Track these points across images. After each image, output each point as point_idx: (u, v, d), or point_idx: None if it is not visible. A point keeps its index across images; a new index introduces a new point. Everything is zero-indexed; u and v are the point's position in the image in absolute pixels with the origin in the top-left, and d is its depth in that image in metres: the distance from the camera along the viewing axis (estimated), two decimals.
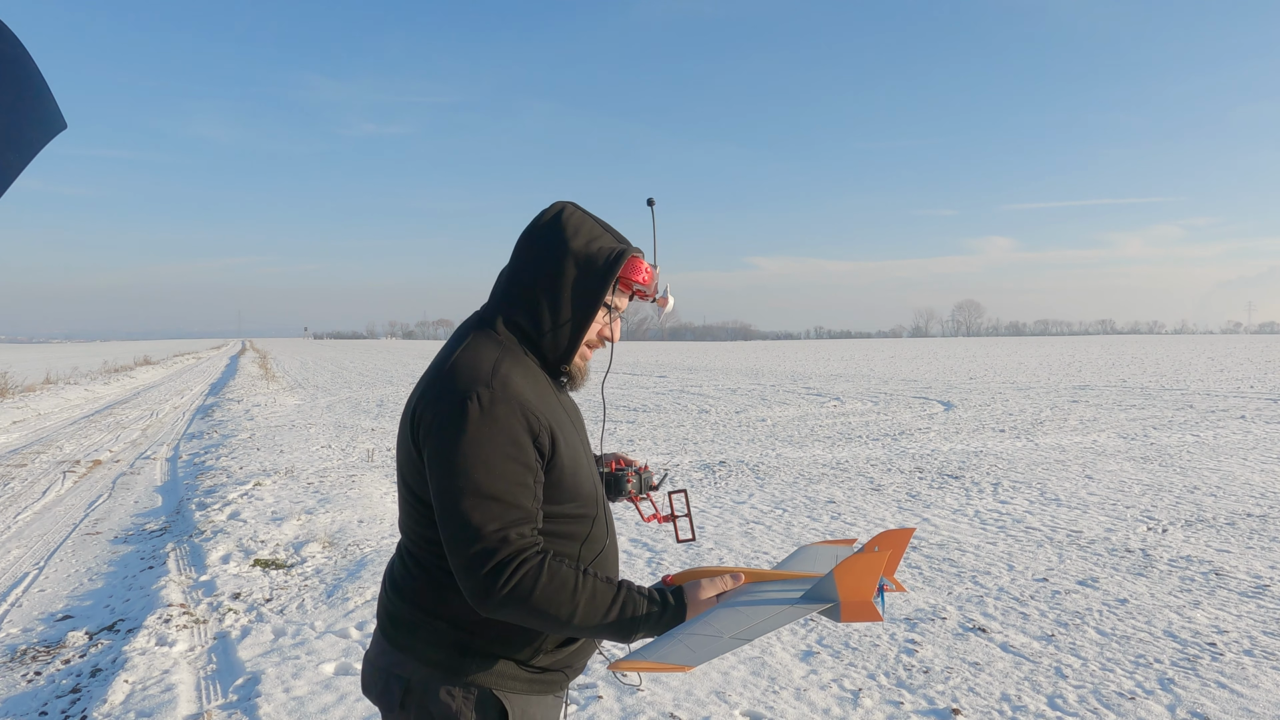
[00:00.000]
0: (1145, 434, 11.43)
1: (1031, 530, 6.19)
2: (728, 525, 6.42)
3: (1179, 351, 48.68)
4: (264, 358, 47.76)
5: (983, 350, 59.84)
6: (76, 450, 11.20)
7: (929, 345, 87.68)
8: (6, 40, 1.56)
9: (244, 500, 7.35)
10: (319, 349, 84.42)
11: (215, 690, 3.61)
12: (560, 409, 1.54)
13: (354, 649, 3.99)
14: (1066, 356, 42.44)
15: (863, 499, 7.36)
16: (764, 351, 63.96)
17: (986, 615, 4.40)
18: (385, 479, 8.35)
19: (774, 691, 3.51)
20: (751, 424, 13.29)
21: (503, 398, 1.39)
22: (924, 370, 29.76)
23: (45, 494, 8.15)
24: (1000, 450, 10.16)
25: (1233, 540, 5.83)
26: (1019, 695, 3.45)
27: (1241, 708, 3.31)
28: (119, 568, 5.65)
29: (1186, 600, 4.60)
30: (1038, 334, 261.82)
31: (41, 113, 1.65)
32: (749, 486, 7.98)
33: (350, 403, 18.04)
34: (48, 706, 3.54)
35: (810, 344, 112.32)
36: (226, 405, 17.11)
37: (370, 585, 4.95)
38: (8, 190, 1.58)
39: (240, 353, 62.65)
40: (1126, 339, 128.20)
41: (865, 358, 44.87)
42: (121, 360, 39.52)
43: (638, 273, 1.55)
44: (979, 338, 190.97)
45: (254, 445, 11.04)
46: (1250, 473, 8.39)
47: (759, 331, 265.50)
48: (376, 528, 6.37)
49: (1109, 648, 3.95)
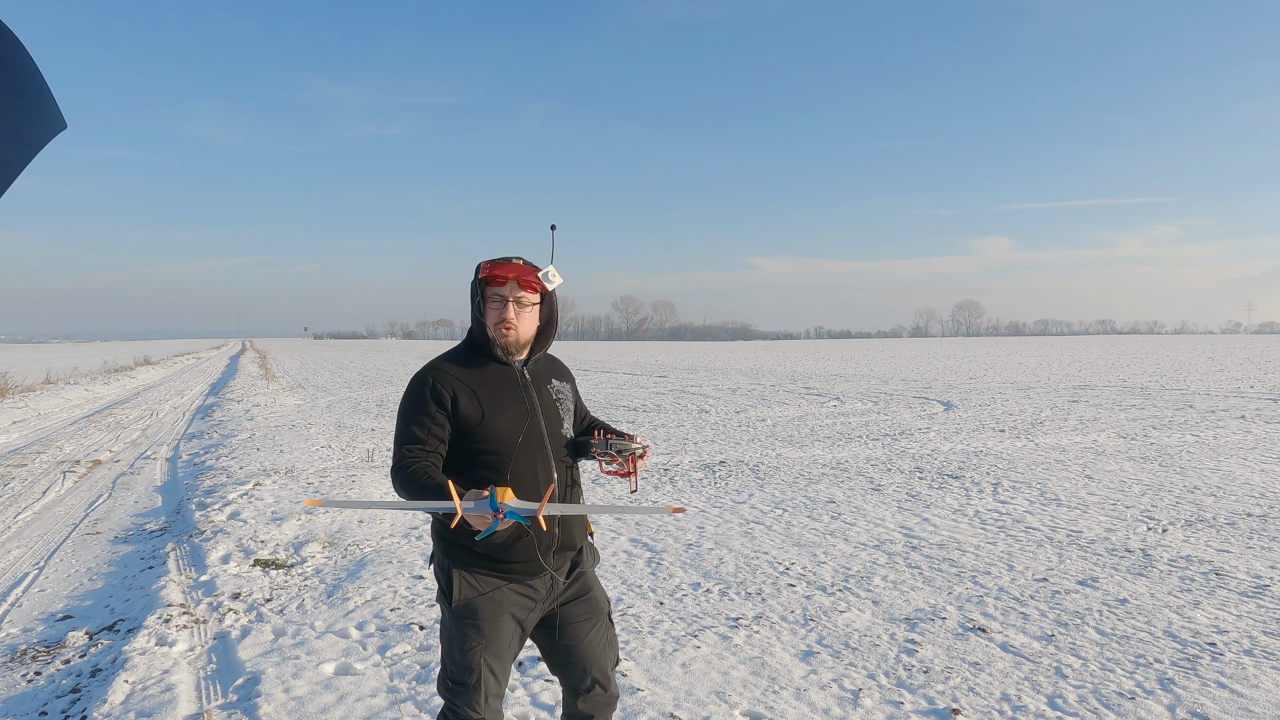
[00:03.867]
0: (1145, 434, 11.44)
1: (1031, 530, 6.19)
2: (728, 525, 6.42)
3: (1179, 351, 48.69)
4: (264, 358, 47.77)
5: (983, 350, 59.85)
6: (76, 450, 11.21)
7: (929, 345, 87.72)
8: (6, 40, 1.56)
9: (244, 500, 7.35)
10: (319, 349, 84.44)
11: (215, 690, 3.61)
12: (485, 380, 2.30)
13: (354, 649, 4.00)
14: (1066, 356, 42.45)
15: (863, 499, 7.36)
16: (764, 351, 63.98)
17: (986, 615, 4.40)
18: (385, 479, 8.35)
19: (774, 691, 3.51)
20: (751, 424, 13.29)
21: (419, 376, 2.29)
22: (924, 370, 29.77)
23: (45, 494, 8.15)
24: (1000, 450, 10.16)
25: (1233, 540, 5.83)
26: (1019, 695, 3.45)
27: (1241, 708, 3.32)
28: (119, 568, 5.65)
29: (1186, 600, 4.60)
30: (1038, 334, 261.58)
31: (41, 113, 1.65)
32: (749, 486, 7.98)
33: (350, 403, 18.05)
34: (48, 706, 3.54)
35: (810, 344, 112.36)
36: (226, 405, 17.11)
37: (370, 585, 4.95)
38: (8, 190, 1.58)
39: (240, 353, 62.67)
40: (1126, 339, 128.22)
41: (865, 358, 44.88)
42: (121, 360, 39.53)
43: (484, 272, 2.27)
44: (979, 338, 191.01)
45: (254, 445, 11.04)
46: (1250, 473, 8.39)
47: (759, 331, 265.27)
48: (376, 527, 6.38)
49: (1109, 648, 3.95)
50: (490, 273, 2.25)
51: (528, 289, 2.27)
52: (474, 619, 2.26)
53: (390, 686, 3.57)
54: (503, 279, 2.25)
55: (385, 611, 4.51)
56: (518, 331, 2.29)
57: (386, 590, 4.87)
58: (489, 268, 2.26)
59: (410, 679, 3.65)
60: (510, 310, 2.26)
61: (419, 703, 3.41)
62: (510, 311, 2.26)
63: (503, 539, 2.22)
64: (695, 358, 46.80)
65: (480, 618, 2.26)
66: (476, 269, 2.29)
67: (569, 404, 2.48)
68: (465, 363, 2.32)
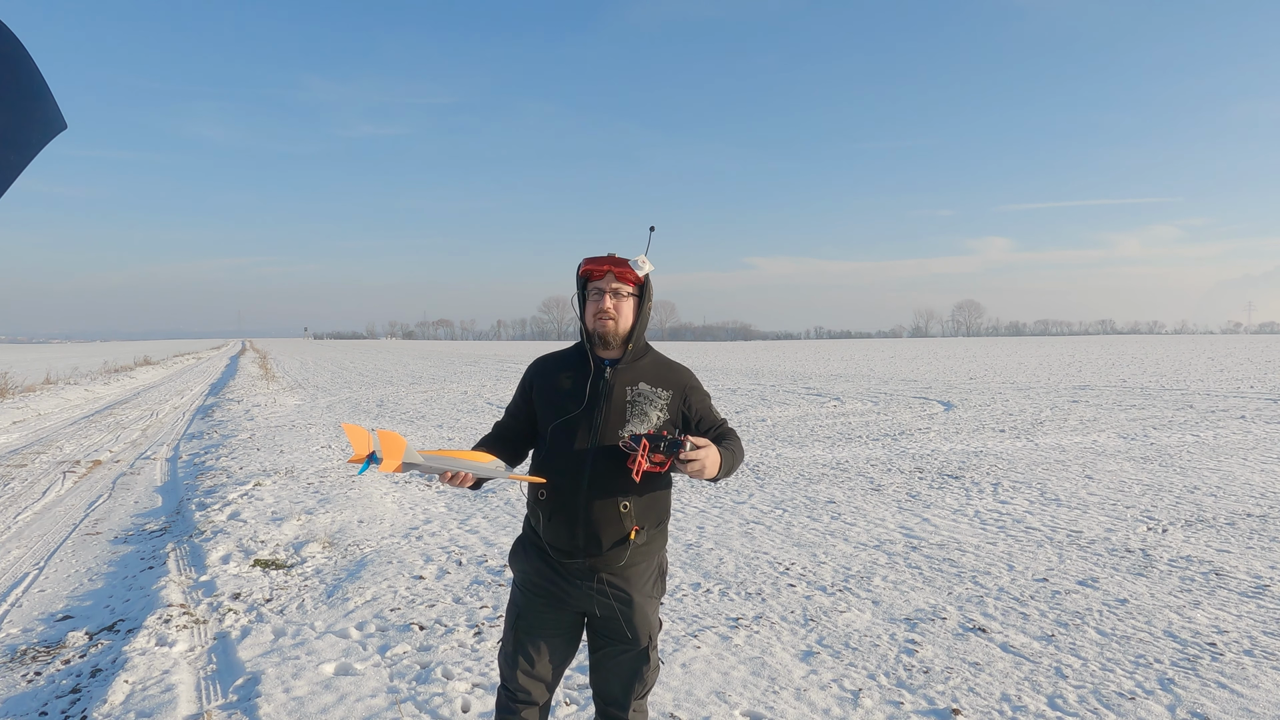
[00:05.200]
0: (1145, 434, 11.43)
1: (1031, 530, 6.19)
2: (728, 525, 6.42)
3: (1179, 351, 48.68)
4: (264, 358, 47.76)
5: (983, 350, 59.85)
6: (76, 450, 11.20)
7: (929, 345, 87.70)
8: (6, 40, 1.56)
9: (244, 500, 7.35)
10: (319, 349, 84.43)
11: (215, 690, 3.61)
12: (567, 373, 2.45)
13: (354, 649, 3.99)
14: (1066, 356, 42.44)
15: (863, 499, 7.36)
16: (764, 351, 63.97)
17: (986, 615, 4.40)
18: (385, 479, 8.35)
19: (774, 691, 3.51)
20: (751, 424, 13.29)
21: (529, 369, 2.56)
22: (924, 370, 29.76)
23: (45, 494, 8.15)
24: (1000, 450, 10.16)
25: (1233, 540, 5.83)
26: (1019, 695, 3.45)
27: (1241, 708, 3.32)
28: (119, 568, 5.65)
29: (1186, 600, 4.60)
30: (1038, 334, 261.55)
31: (41, 113, 1.65)
32: (749, 486, 7.97)
33: (350, 403, 18.04)
34: (48, 707, 3.54)
35: (810, 344, 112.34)
36: (226, 405, 17.11)
37: (370, 585, 4.95)
38: (8, 190, 1.58)
39: (240, 353, 62.66)
40: (1126, 339, 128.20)
41: (865, 358, 44.88)
42: (121, 360, 39.52)
43: (584, 268, 2.40)
44: (979, 338, 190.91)
45: (254, 445, 11.04)
46: (1250, 473, 8.39)
47: (759, 331, 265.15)
48: (376, 528, 6.38)
49: (1109, 648, 3.95)
50: (589, 268, 2.38)
51: (623, 280, 2.37)
52: (517, 590, 2.48)
53: (390, 686, 3.57)
54: (600, 272, 2.38)
55: (385, 611, 4.51)
56: (616, 322, 2.38)
57: (386, 590, 4.87)
58: (587, 263, 2.39)
59: (410, 679, 3.65)
60: (607, 301, 2.37)
61: (419, 703, 3.41)
62: (607, 302, 2.37)
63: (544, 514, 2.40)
64: (695, 358, 46.79)
65: (521, 589, 2.46)
66: (577, 268, 2.42)
67: (649, 408, 2.38)
68: (562, 357, 2.50)
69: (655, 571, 2.45)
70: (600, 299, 2.38)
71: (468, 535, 6.14)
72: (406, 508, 7.08)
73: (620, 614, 2.37)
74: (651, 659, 2.45)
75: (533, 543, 2.45)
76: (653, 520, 2.40)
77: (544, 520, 2.37)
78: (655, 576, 2.45)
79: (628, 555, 2.35)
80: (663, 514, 2.43)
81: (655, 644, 2.46)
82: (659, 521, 2.42)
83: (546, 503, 2.37)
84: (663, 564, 2.49)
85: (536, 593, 2.41)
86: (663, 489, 2.43)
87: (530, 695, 2.44)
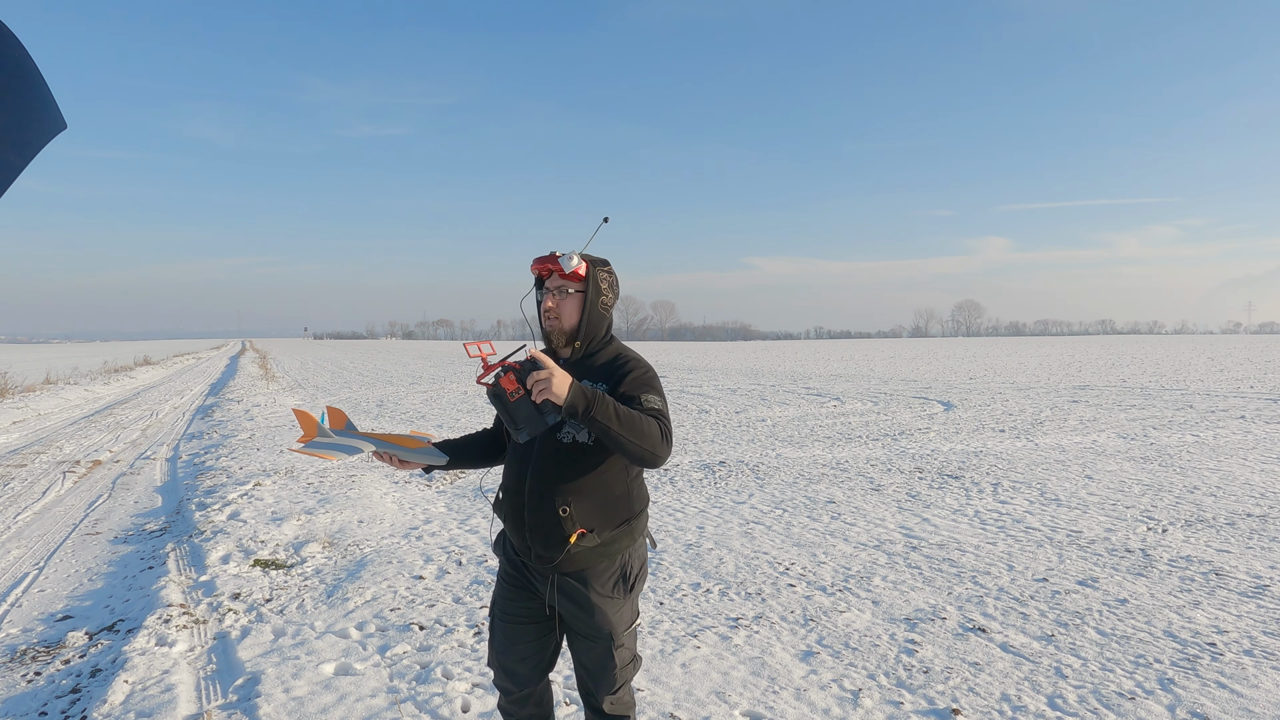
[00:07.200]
0: (1145, 434, 11.43)
1: (1031, 530, 6.19)
2: (728, 525, 6.42)
3: (1179, 351, 48.68)
4: (264, 358, 47.75)
5: (983, 350, 59.84)
6: (76, 450, 11.20)
7: (929, 345, 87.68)
8: (6, 41, 1.56)
9: (244, 500, 7.35)
10: (319, 349, 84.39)
11: (215, 690, 3.61)
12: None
13: (354, 649, 4.00)
14: (1066, 356, 42.44)
15: (863, 499, 7.36)
16: (764, 351, 63.96)
17: (986, 615, 4.40)
18: (385, 479, 8.35)
19: (774, 691, 3.51)
20: (751, 424, 13.29)
21: None
22: (924, 370, 29.76)
23: (45, 494, 8.15)
24: (1000, 450, 10.16)
25: (1233, 540, 5.83)
26: (1019, 695, 3.45)
27: (1241, 708, 3.32)
28: (119, 568, 5.65)
29: (1186, 600, 4.60)
30: (1038, 334, 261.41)
31: (41, 113, 1.65)
32: (749, 486, 7.98)
33: (350, 403, 18.04)
34: (48, 707, 3.54)
35: (810, 344, 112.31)
36: (226, 405, 17.11)
37: (370, 585, 4.95)
38: (8, 190, 1.58)
39: (240, 353, 62.65)
40: (1126, 339, 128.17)
41: (865, 358, 44.87)
42: (121, 360, 39.51)
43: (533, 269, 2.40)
44: (979, 338, 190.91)
45: (254, 445, 11.04)
46: (1250, 473, 8.39)
47: (759, 331, 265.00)
48: (376, 528, 6.38)
49: (1109, 648, 3.95)
50: (535, 268, 2.40)
51: (565, 278, 2.35)
52: (497, 578, 2.57)
53: (390, 687, 3.57)
54: (546, 272, 2.39)
55: (385, 612, 4.51)
56: (560, 320, 2.38)
57: (386, 590, 4.87)
58: (534, 264, 2.40)
59: (410, 679, 3.65)
60: (549, 300, 2.37)
61: (419, 703, 3.41)
62: (549, 301, 2.37)
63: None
64: (695, 358, 46.80)
65: (498, 577, 2.56)
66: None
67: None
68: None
69: (618, 572, 2.37)
70: (546, 298, 2.38)
71: (468, 535, 6.14)
72: (406, 508, 7.08)
73: (575, 613, 2.37)
74: (618, 655, 2.38)
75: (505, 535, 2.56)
76: (607, 522, 2.32)
77: (501, 522, 2.49)
78: (618, 577, 2.36)
79: (573, 558, 2.31)
80: (621, 514, 2.35)
81: (623, 641, 2.39)
82: (620, 521, 2.34)
83: (500, 505, 2.46)
84: (628, 564, 2.39)
85: (509, 581, 2.50)
86: (614, 491, 2.34)
87: (510, 681, 2.52)
